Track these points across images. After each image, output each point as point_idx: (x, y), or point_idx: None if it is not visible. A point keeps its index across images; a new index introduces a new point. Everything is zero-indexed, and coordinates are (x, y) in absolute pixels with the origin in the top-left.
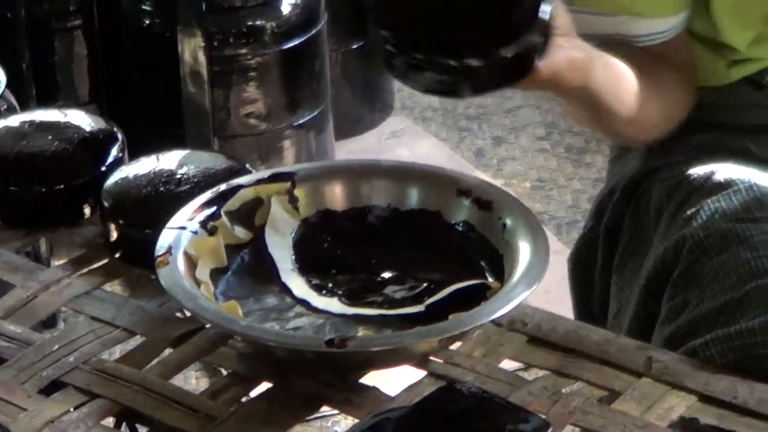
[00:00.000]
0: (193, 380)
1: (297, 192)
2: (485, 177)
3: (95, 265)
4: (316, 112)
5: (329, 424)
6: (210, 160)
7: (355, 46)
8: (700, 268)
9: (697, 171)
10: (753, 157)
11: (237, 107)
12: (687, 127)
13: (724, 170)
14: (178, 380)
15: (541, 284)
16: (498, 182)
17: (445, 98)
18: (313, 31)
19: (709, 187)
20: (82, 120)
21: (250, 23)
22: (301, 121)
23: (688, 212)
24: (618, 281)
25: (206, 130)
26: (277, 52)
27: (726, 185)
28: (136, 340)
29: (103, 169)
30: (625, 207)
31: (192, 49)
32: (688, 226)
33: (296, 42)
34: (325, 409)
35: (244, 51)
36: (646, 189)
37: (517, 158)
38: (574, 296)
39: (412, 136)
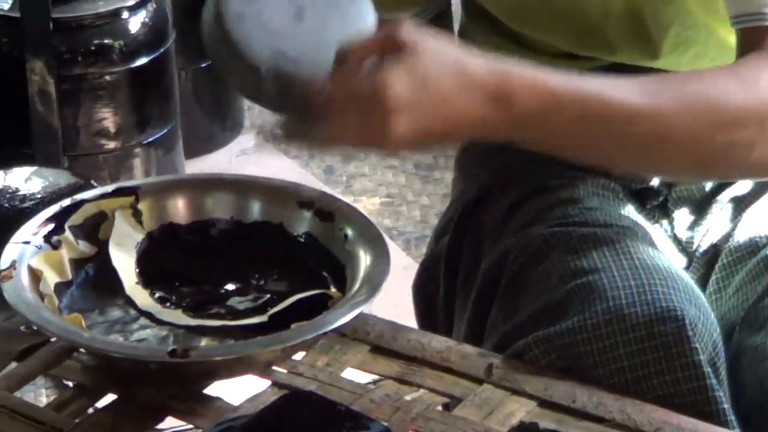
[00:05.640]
0: (43, 398)
1: (141, 206)
2: (335, 194)
3: None
4: (165, 130)
5: None
6: (55, 177)
7: (204, 65)
8: (525, 276)
9: (522, 187)
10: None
11: (86, 126)
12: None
13: (545, 184)
14: (28, 398)
15: (388, 298)
16: (347, 198)
17: None
18: (162, 50)
19: (532, 201)
20: None
21: (98, 42)
22: (150, 139)
23: (511, 224)
24: (461, 306)
25: (55, 148)
26: (126, 70)
27: (547, 197)
28: None
29: None
30: (463, 234)
31: (40, 69)
32: (511, 236)
33: (145, 60)
34: (176, 423)
35: (92, 70)
36: (481, 213)
37: (366, 175)
38: (420, 324)
39: (262, 153)
